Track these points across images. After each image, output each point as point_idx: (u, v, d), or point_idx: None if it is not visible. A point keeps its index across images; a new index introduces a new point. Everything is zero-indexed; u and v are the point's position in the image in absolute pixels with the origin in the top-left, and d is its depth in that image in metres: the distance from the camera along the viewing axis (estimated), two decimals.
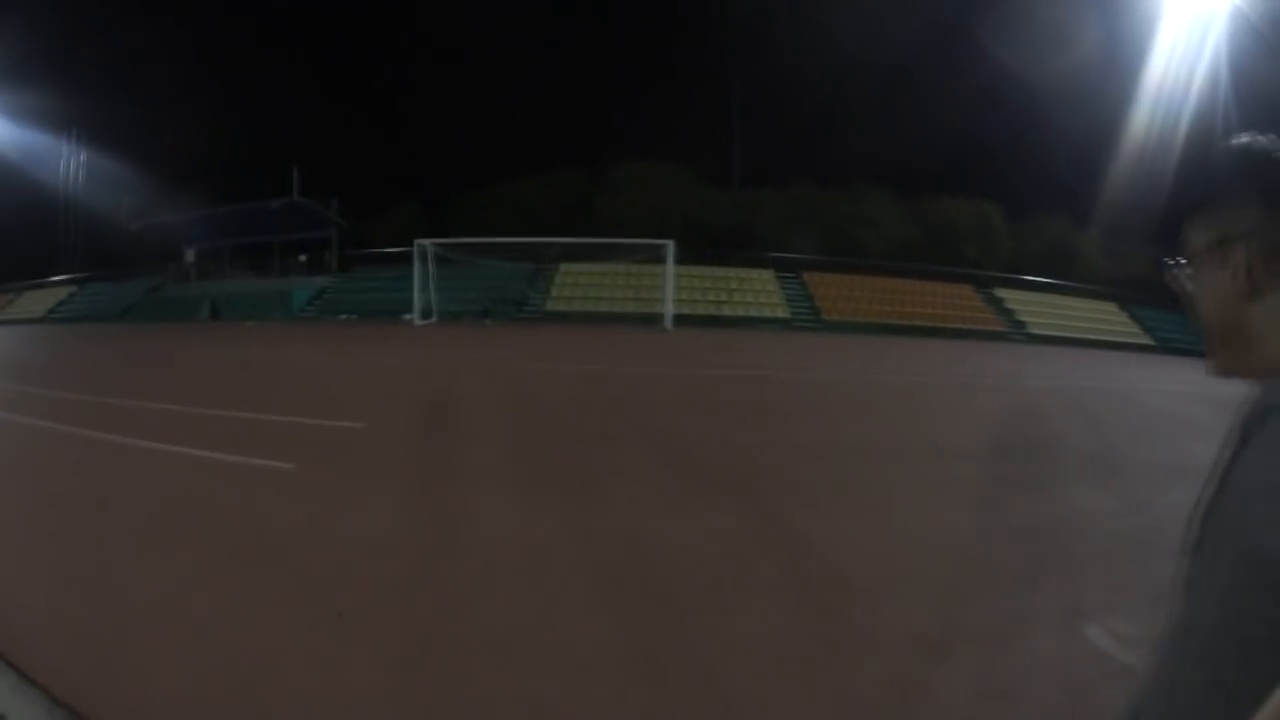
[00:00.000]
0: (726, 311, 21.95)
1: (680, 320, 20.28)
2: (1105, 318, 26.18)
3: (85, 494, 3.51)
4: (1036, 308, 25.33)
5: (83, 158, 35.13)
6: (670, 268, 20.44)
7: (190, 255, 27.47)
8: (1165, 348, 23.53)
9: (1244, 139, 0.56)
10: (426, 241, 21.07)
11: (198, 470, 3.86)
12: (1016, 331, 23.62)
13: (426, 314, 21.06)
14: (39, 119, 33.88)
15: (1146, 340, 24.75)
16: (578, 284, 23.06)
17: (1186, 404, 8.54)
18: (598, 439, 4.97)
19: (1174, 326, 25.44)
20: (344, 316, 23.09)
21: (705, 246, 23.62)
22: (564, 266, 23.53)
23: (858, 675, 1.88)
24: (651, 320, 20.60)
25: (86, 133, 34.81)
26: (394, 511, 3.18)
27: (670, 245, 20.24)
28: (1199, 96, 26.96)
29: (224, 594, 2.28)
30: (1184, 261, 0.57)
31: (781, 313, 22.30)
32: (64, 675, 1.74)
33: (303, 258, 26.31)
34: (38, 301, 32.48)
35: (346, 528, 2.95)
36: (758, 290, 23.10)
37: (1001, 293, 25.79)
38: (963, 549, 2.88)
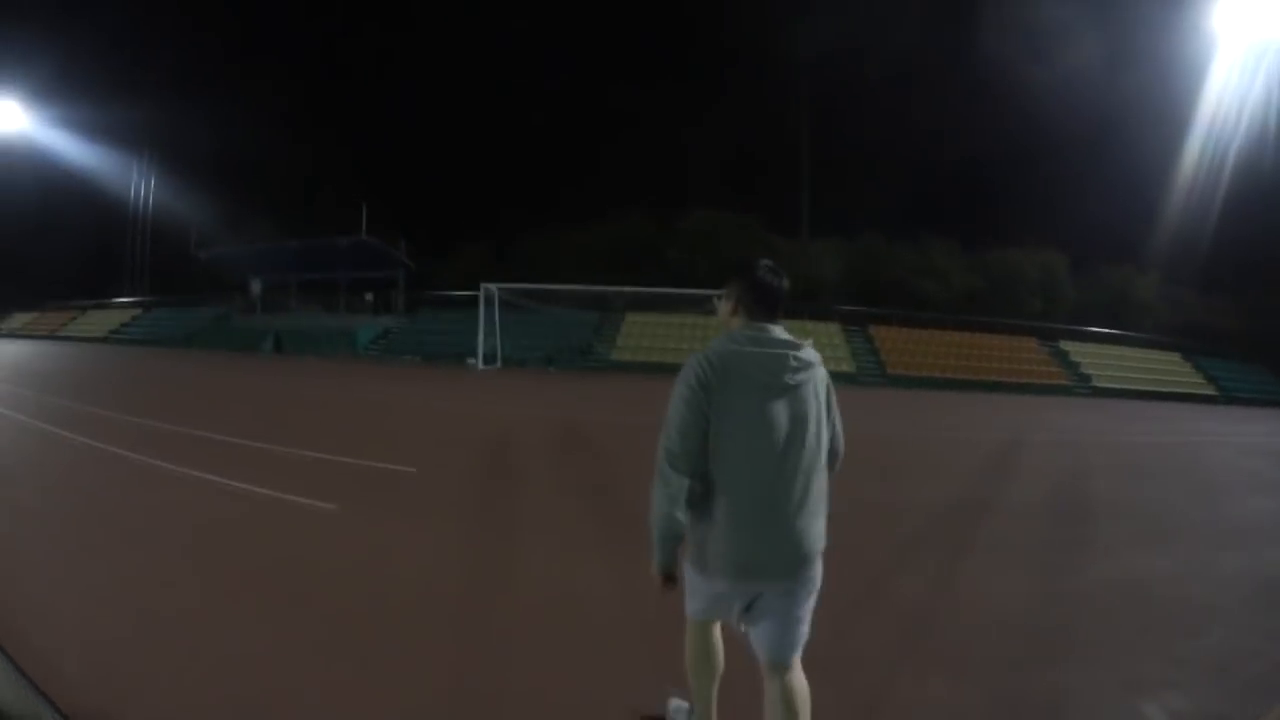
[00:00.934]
0: None
1: None
2: (1169, 368, 25.49)
3: (117, 517, 3.59)
4: (1100, 359, 24.76)
5: (154, 183, 36.33)
6: None
7: (256, 286, 28.04)
8: (1228, 398, 22.90)
9: (749, 259, 1.60)
10: (492, 286, 21.24)
11: (236, 503, 3.90)
12: (1081, 385, 23.11)
13: (490, 359, 21.19)
14: (112, 141, 35.19)
15: (1210, 390, 24.01)
16: (643, 334, 23.03)
17: (1250, 457, 8.42)
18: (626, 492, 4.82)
19: (1237, 376, 24.76)
20: (407, 357, 23.35)
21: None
22: (630, 316, 23.56)
23: None
24: None
25: (158, 159, 36.09)
26: (430, 559, 3.18)
27: None
28: (1261, 140, 26.35)
29: (243, 628, 2.31)
30: (718, 300, 1.60)
31: (847, 367, 22.07)
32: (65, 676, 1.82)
33: (369, 296, 26.70)
34: (100, 321, 33.44)
35: (377, 572, 2.94)
36: (823, 344, 22.87)
37: (1066, 345, 25.32)
38: (1020, 615, 2.81)
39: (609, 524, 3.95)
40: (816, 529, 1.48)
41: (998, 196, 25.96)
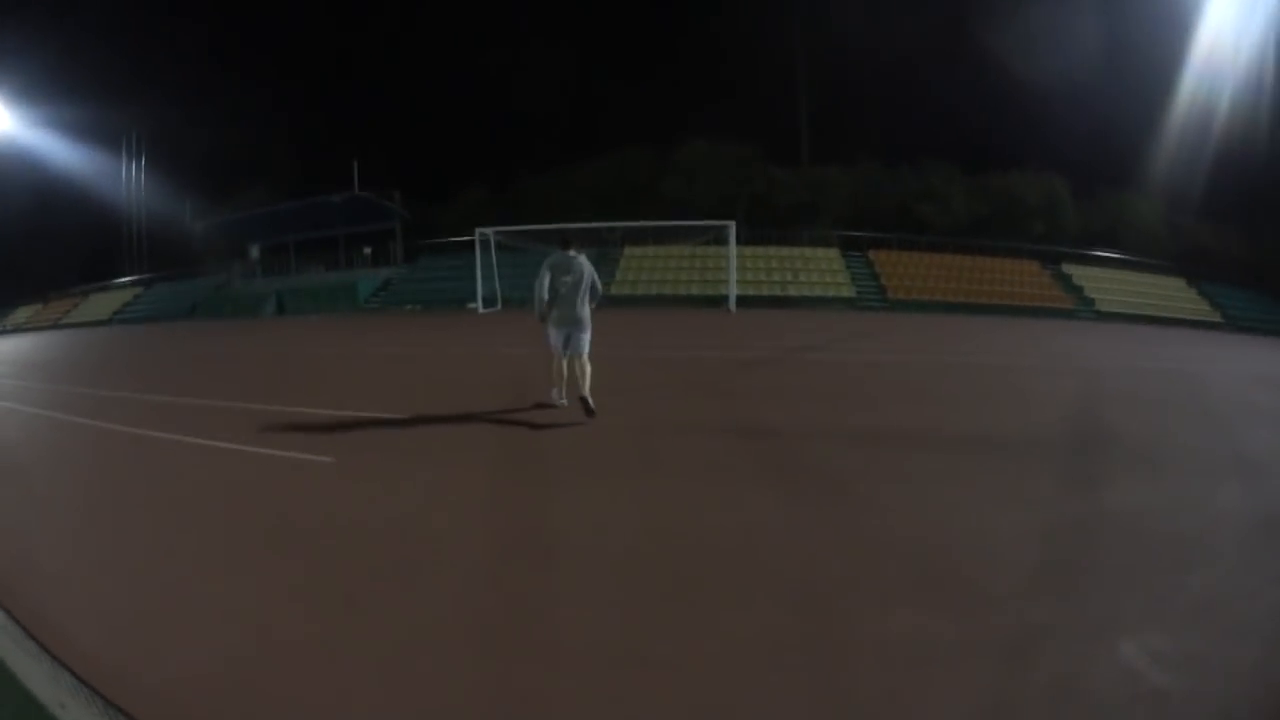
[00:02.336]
0: (792, 292, 21.70)
1: (744, 301, 20.12)
2: (1173, 294, 25.26)
3: (122, 491, 3.71)
4: (1104, 284, 24.55)
5: (142, 162, 36.28)
6: (733, 248, 20.29)
7: (255, 252, 28.09)
8: (1233, 325, 22.71)
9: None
10: (488, 230, 21.16)
11: (236, 464, 4.08)
12: (1085, 309, 22.95)
13: (490, 302, 21.18)
14: (96, 128, 35.05)
15: (1215, 317, 23.79)
16: (641, 266, 22.97)
17: (1257, 386, 8.17)
18: (650, 426, 4.96)
19: (1241, 303, 24.54)
20: (409, 306, 23.38)
21: (772, 225, 23.41)
22: (628, 250, 23.47)
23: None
24: (715, 302, 20.49)
25: (144, 137, 35.99)
26: (416, 500, 3.38)
27: (732, 226, 20.07)
28: (1265, 67, 25.97)
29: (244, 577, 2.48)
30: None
31: (847, 292, 21.98)
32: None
33: (367, 250, 26.72)
34: (104, 304, 33.55)
35: (366, 514, 3.13)
36: (823, 269, 22.78)
37: (1069, 269, 25.11)
38: (1002, 547, 2.70)
39: (598, 457, 4.18)
40: (583, 313, 5.05)
41: (998, 121, 25.64)
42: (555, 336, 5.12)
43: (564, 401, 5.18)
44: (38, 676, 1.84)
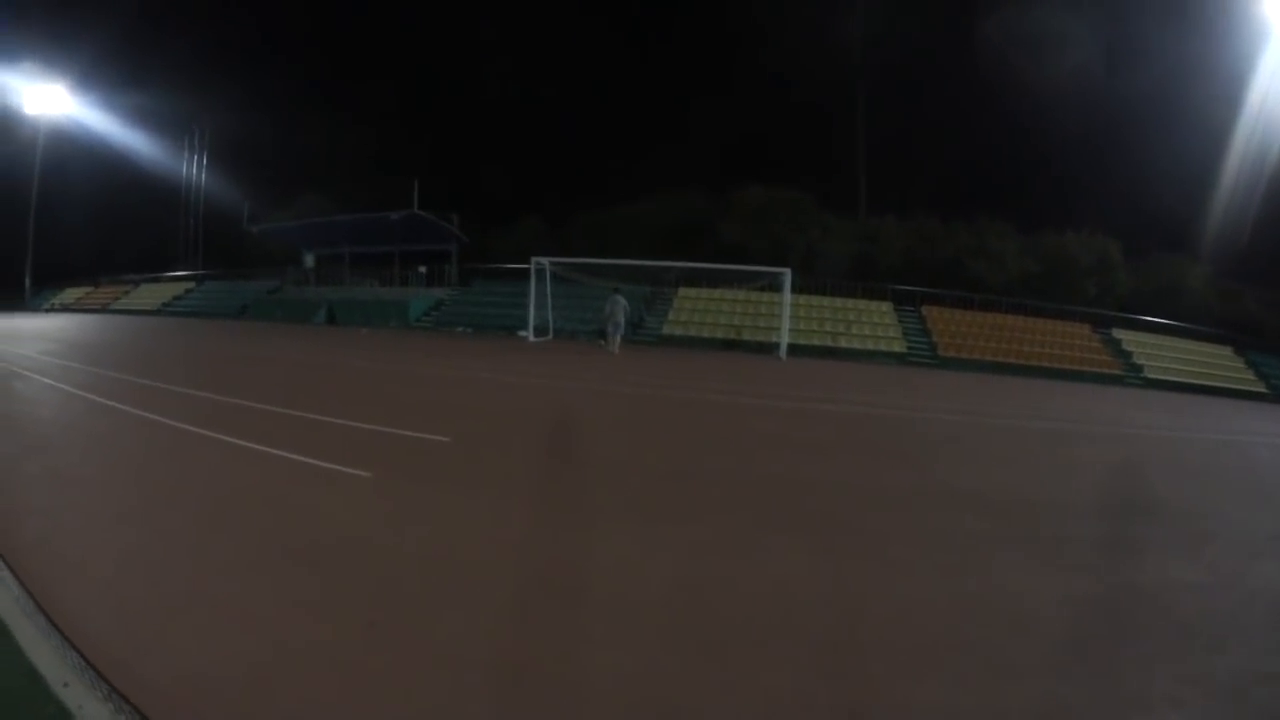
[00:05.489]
0: (843, 343, 21.75)
1: (795, 350, 20.19)
2: (1220, 362, 24.91)
3: (155, 482, 3.72)
4: (1152, 350, 24.29)
5: (206, 160, 37.24)
6: (787, 296, 20.38)
7: (310, 260, 28.64)
8: (1278, 396, 22.34)
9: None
10: (544, 259, 21.44)
11: (273, 469, 4.07)
12: (1133, 375, 22.71)
13: (541, 331, 21.43)
14: (162, 121, 36.08)
15: (1260, 387, 23.41)
16: (695, 308, 23.13)
17: None
18: (683, 472, 4.73)
19: None
20: (460, 329, 23.71)
21: (825, 274, 23.52)
22: (682, 290, 23.67)
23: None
24: (766, 349, 20.58)
25: (208, 135, 36.97)
26: (447, 520, 3.32)
27: (788, 274, 20.18)
28: None
29: (267, 582, 2.46)
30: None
31: (898, 346, 21.98)
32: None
33: (422, 269, 27.15)
34: (154, 294, 34.39)
35: (397, 531, 3.10)
36: (875, 323, 22.81)
37: (1119, 333, 24.90)
38: (1023, 618, 2.62)
39: (626, 496, 4.02)
40: (621, 321, 17.02)
41: (1054, 180, 25.63)
42: (610, 330, 16.42)
43: (615, 351, 15.89)
44: (45, 652, 1.85)
